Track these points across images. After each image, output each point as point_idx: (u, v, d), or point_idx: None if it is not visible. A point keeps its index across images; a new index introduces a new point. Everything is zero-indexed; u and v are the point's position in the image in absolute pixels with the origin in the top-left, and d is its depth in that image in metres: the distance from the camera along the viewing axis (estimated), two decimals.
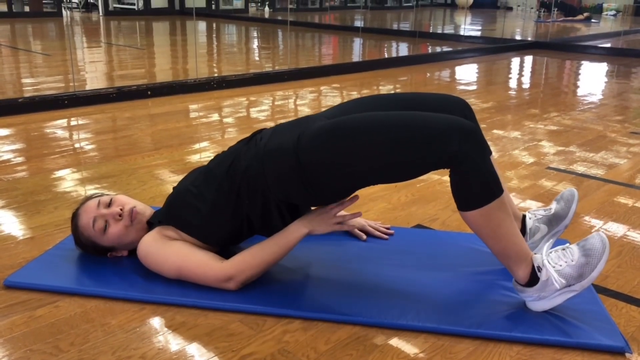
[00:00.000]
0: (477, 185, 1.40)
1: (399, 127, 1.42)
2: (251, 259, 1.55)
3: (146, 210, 1.73)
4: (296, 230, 1.55)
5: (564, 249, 1.47)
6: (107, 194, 1.75)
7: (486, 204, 1.41)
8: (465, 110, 1.64)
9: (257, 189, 1.55)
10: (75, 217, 1.71)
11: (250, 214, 1.59)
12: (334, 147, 1.45)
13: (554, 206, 1.74)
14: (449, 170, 1.43)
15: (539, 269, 1.45)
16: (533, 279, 1.47)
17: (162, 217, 1.67)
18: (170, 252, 1.59)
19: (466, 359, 1.34)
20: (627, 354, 1.36)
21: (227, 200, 1.58)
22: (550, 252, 1.48)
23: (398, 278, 1.67)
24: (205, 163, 1.75)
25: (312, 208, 1.63)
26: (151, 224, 1.70)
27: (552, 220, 1.71)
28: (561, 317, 1.48)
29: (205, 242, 1.63)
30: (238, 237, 1.66)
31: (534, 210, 1.76)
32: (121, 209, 1.67)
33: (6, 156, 2.78)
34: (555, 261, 1.45)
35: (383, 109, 1.59)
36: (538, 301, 1.49)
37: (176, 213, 1.64)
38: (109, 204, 1.69)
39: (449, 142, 1.38)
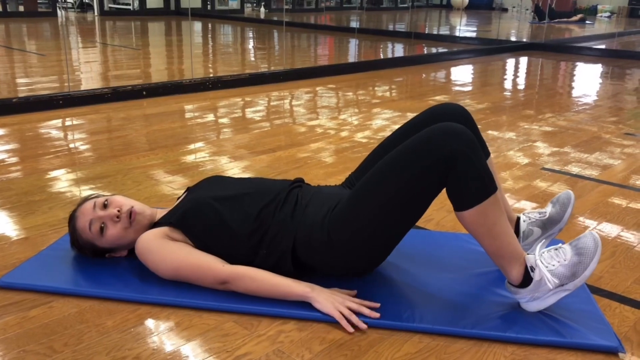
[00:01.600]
0: (473, 183, 1.41)
1: (397, 162, 1.46)
2: (250, 281, 1.52)
3: (145, 209, 1.72)
4: (302, 288, 1.51)
5: (556, 249, 1.48)
6: (104, 195, 1.74)
7: (482, 201, 1.41)
8: (460, 118, 1.67)
9: (282, 244, 1.56)
10: (72, 219, 1.70)
11: (266, 259, 1.59)
12: (357, 217, 1.49)
13: (549, 209, 1.73)
14: None
15: (532, 269, 1.46)
16: (526, 279, 1.47)
17: (176, 221, 1.63)
18: (169, 250, 1.58)
19: (460, 359, 1.35)
20: (620, 354, 1.37)
21: (248, 239, 1.58)
22: (543, 252, 1.48)
23: (392, 278, 1.67)
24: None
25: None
26: (159, 224, 1.67)
27: (547, 224, 1.71)
28: (555, 317, 1.48)
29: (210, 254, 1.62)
30: (242, 263, 1.64)
31: (528, 213, 1.76)
32: (118, 210, 1.66)
33: (0, 156, 2.77)
34: (548, 261, 1.45)
35: (389, 150, 1.63)
36: (532, 302, 1.49)
37: (192, 223, 1.62)
38: (106, 206, 1.68)
39: (441, 146, 1.41)
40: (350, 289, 1.57)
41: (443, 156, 1.40)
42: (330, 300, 1.48)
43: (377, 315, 1.47)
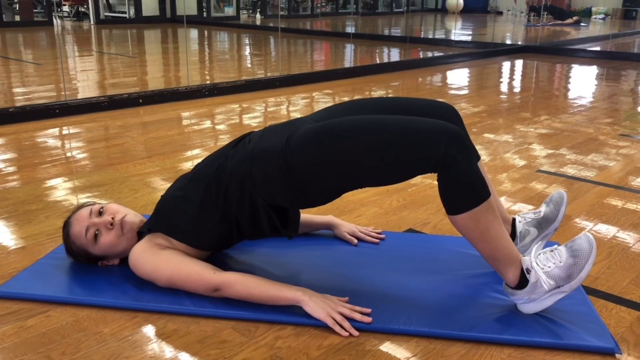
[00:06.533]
0: (465, 189, 1.41)
1: (387, 130, 1.44)
2: (241, 287, 1.52)
3: (136, 218, 1.73)
4: (293, 292, 1.50)
5: (552, 251, 1.48)
6: (99, 203, 1.75)
7: (474, 207, 1.42)
8: (453, 116, 1.65)
9: (245, 191, 1.55)
10: (66, 225, 1.71)
11: (239, 217, 1.59)
12: (322, 148, 1.46)
13: (543, 209, 1.74)
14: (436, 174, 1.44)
15: (528, 271, 1.46)
16: (522, 281, 1.48)
17: (151, 225, 1.66)
18: (161, 261, 1.58)
19: None
20: (617, 355, 1.37)
21: (216, 202, 1.58)
22: (539, 254, 1.49)
23: (389, 282, 1.67)
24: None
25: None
26: (141, 234, 1.70)
27: (542, 223, 1.72)
28: (552, 319, 1.48)
29: (195, 247, 1.63)
30: (228, 241, 1.66)
31: (523, 214, 1.77)
32: (112, 218, 1.67)
33: None
34: (544, 263, 1.46)
35: (371, 113, 1.60)
36: (528, 303, 1.49)
37: (164, 219, 1.64)
38: (101, 213, 1.69)
39: (435, 146, 1.40)
40: (345, 290, 1.57)
41: (436, 157, 1.40)
42: (322, 306, 1.48)
43: (369, 320, 1.47)
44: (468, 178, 1.41)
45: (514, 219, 1.76)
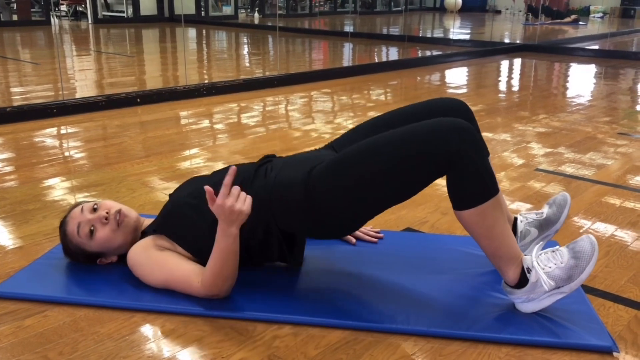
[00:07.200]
0: (475, 184, 1.41)
1: (399, 140, 1.44)
2: (217, 278, 1.50)
3: (131, 213, 1.72)
4: (224, 235, 1.47)
5: (553, 251, 1.48)
6: (94, 201, 1.74)
7: (483, 202, 1.42)
8: (466, 113, 1.67)
9: (261, 217, 1.54)
10: (62, 225, 1.71)
11: (250, 239, 1.58)
12: (343, 177, 1.47)
13: (545, 210, 1.74)
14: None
15: (529, 270, 1.46)
16: (522, 280, 1.47)
17: (157, 227, 1.65)
18: (157, 263, 1.58)
19: None
20: (614, 353, 1.37)
21: None
22: (540, 254, 1.49)
23: (387, 281, 1.67)
24: (202, 173, 1.73)
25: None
26: (145, 233, 1.69)
27: (543, 225, 1.72)
28: (550, 317, 1.48)
29: (198, 257, 1.61)
30: None
31: (525, 214, 1.77)
32: (107, 213, 1.67)
33: None
34: (545, 263, 1.46)
35: (387, 128, 1.60)
36: (527, 303, 1.49)
37: (172, 224, 1.63)
38: (95, 209, 1.69)
39: (447, 142, 1.39)
40: (344, 290, 1.57)
41: (446, 153, 1.39)
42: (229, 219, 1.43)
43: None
44: (479, 172, 1.41)
45: (515, 218, 1.76)
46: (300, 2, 15.02)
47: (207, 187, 1.43)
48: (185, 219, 1.62)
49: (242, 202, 1.44)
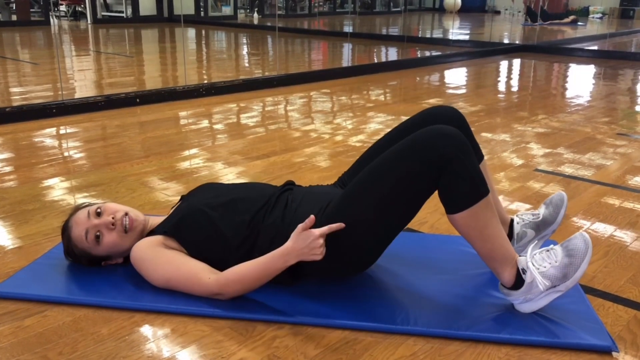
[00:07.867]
0: (465, 185, 1.42)
1: (393, 160, 1.48)
2: (236, 284, 1.51)
3: (139, 215, 1.72)
4: (280, 251, 1.49)
5: (547, 250, 1.49)
6: (95, 203, 1.74)
7: (474, 203, 1.42)
8: (459, 121, 1.69)
9: (274, 246, 1.54)
10: (66, 229, 1.69)
11: (257, 254, 1.57)
12: (352, 214, 1.49)
13: (542, 211, 1.74)
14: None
15: (524, 271, 1.47)
16: (518, 281, 1.48)
17: (169, 229, 1.64)
18: (164, 259, 1.57)
19: None
20: (614, 353, 1.38)
21: (241, 245, 1.58)
22: (535, 254, 1.49)
23: (387, 281, 1.67)
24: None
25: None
26: (154, 232, 1.67)
27: (540, 226, 1.72)
28: (549, 317, 1.49)
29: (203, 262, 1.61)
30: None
31: (521, 215, 1.77)
32: (113, 217, 1.66)
33: None
34: (540, 263, 1.46)
35: (382, 150, 1.64)
36: (525, 303, 1.50)
37: (186, 232, 1.62)
38: (99, 213, 1.68)
39: (435, 148, 1.42)
40: (344, 290, 1.57)
41: (435, 159, 1.41)
42: (302, 248, 1.45)
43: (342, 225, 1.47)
44: (468, 174, 1.42)
45: (512, 220, 1.76)
46: (300, 3, 15.02)
47: (312, 217, 1.47)
48: (200, 227, 1.61)
49: (322, 250, 1.46)
